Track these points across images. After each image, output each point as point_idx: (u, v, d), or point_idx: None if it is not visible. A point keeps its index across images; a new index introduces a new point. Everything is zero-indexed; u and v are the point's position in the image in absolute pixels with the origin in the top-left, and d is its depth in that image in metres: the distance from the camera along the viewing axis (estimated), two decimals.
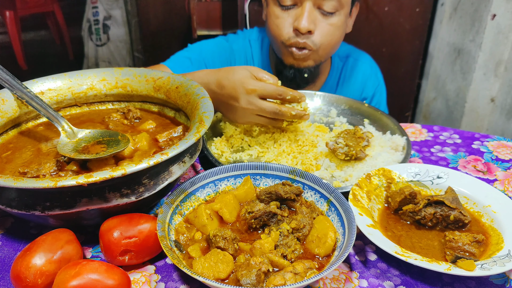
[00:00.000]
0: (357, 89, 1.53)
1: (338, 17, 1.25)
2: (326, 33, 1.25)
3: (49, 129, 0.94)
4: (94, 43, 2.83)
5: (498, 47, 1.87)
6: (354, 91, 1.53)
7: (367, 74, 1.53)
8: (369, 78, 1.53)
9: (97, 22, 2.78)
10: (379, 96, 1.55)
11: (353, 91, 1.52)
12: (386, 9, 2.16)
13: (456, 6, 2.07)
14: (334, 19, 1.25)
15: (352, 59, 1.53)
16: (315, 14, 1.23)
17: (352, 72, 1.52)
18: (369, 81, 1.53)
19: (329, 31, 1.26)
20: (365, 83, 1.53)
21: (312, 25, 1.22)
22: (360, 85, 1.53)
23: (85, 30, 2.79)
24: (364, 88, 1.53)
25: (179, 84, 0.95)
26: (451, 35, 2.12)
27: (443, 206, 0.81)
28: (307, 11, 1.21)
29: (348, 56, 1.53)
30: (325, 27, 1.25)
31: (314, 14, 1.23)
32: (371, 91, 1.53)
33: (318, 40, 1.25)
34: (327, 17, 1.24)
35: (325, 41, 1.26)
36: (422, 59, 2.33)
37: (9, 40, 2.41)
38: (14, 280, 0.65)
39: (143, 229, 0.71)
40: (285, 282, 0.63)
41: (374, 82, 1.54)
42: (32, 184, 0.63)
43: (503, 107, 1.95)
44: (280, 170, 0.87)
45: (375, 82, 1.54)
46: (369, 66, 1.55)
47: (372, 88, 1.53)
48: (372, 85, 1.53)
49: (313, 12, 1.22)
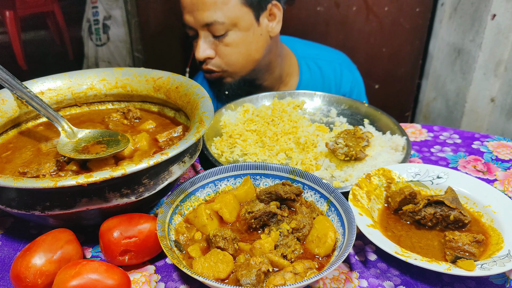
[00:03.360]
0: (332, 88, 1.56)
1: (233, 36, 1.32)
2: (225, 55, 1.34)
3: (49, 129, 0.94)
4: (94, 43, 2.83)
5: (498, 47, 1.87)
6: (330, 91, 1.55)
7: (338, 72, 1.56)
8: (341, 75, 1.56)
9: (97, 22, 2.77)
10: (357, 89, 1.58)
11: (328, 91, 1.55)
12: (386, 9, 2.16)
13: (456, 6, 2.06)
14: (228, 39, 1.32)
15: (320, 60, 1.56)
16: (211, 41, 1.32)
17: (323, 74, 1.55)
18: (343, 77, 1.56)
19: (227, 52, 1.34)
20: (339, 80, 1.56)
21: (208, 52, 1.33)
22: (334, 83, 1.55)
23: (85, 30, 2.79)
24: (340, 85, 1.56)
25: (179, 84, 0.95)
26: (451, 35, 2.12)
27: (443, 206, 0.81)
28: (201, 42, 1.32)
29: (315, 58, 1.57)
30: (221, 49, 1.34)
31: (209, 41, 1.32)
32: (348, 87, 1.56)
33: (219, 62, 1.35)
34: (221, 39, 1.32)
35: (228, 61, 1.35)
36: (422, 59, 2.33)
37: (9, 40, 2.40)
38: (14, 280, 0.65)
39: (143, 229, 0.71)
40: (285, 282, 0.63)
41: (348, 78, 1.57)
42: (32, 184, 0.63)
43: (503, 107, 1.95)
44: (280, 170, 0.87)
45: (349, 77, 1.57)
46: (339, 63, 1.58)
47: (348, 83, 1.56)
48: (347, 80, 1.56)
49: (208, 39, 1.32)
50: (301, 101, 1.28)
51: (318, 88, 1.54)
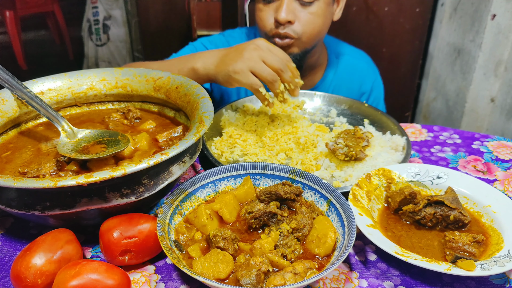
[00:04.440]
0: (355, 85, 1.56)
1: (317, 6, 1.31)
2: (306, 22, 1.32)
3: (49, 129, 0.94)
4: (94, 43, 2.83)
5: (498, 47, 1.87)
6: (352, 87, 1.56)
7: (364, 70, 1.57)
8: (366, 74, 1.57)
9: (97, 22, 2.77)
10: (377, 91, 1.59)
11: (351, 87, 1.56)
12: (386, 9, 2.16)
13: (456, 6, 2.07)
14: (313, 8, 1.31)
15: (348, 56, 1.58)
16: (294, 5, 1.30)
17: (349, 69, 1.56)
18: (367, 76, 1.57)
19: (309, 20, 1.32)
20: (362, 78, 1.57)
21: (291, 16, 1.29)
22: (358, 81, 1.56)
23: (85, 30, 2.79)
24: (362, 83, 1.57)
25: (179, 84, 0.95)
26: (451, 35, 2.12)
27: (443, 206, 0.81)
28: (286, 3, 1.28)
29: (344, 54, 1.58)
30: (304, 16, 1.31)
31: (292, 5, 1.29)
32: (369, 86, 1.57)
33: (299, 29, 1.32)
34: (306, 6, 1.30)
35: (306, 29, 1.33)
36: (422, 59, 2.33)
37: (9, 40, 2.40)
38: (14, 280, 0.65)
39: (143, 229, 0.71)
40: (285, 282, 0.63)
41: (371, 77, 1.58)
42: (32, 184, 0.63)
43: (503, 107, 1.95)
44: (280, 170, 0.87)
45: (372, 77, 1.58)
46: (366, 62, 1.59)
47: (370, 83, 1.57)
48: (370, 80, 1.57)
49: (291, 3, 1.29)
50: (301, 101, 1.29)
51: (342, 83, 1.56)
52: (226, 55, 1.08)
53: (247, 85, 1.03)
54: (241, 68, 1.02)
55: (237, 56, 1.04)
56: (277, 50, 1.05)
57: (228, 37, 1.57)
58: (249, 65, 1.02)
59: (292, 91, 1.08)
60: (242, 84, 1.04)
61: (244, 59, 1.02)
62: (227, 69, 1.05)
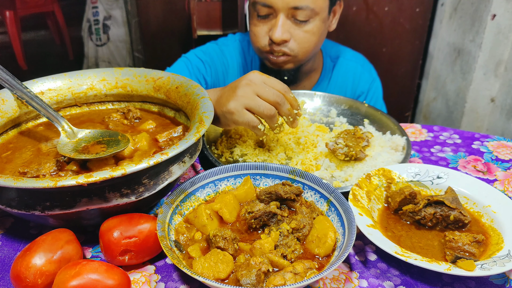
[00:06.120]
0: (349, 88, 1.56)
1: (312, 24, 1.30)
2: (301, 41, 1.31)
3: (49, 129, 0.94)
4: (94, 43, 2.83)
5: (498, 47, 1.87)
6: (347, 90, 1.56)
7: (358, 73, 1.57)
8: (361, 75, 1.57)
9: (97, 22, 2.77)
10: (374, 91, 1.58)
11: (345, 90, 1.56)
12: (386, 9, 2.16)
13: (456, 6, 2.07)
14: (308, 26, 1.29)
15: (343, 59, 1.57)
16: (289, 24, 1.28)
17: (344, 72, 1.56)
18: (362, 78, 1.56)
19: (305, 38, 1.31)
20: (358, 80, 1.56)
21: (286, 35, 1.27)
22: (352, 83, 1.56)
23: (85, 30, 2.79)
24: (358, 85, 1.56)
25: (179, 84, 0.95)
26: (451, 35, 2.12)
27: (443, 206, 0.81)
28: (281, 22, 1.26)
29: (339, 57, 1.57)
30: (299, 34, 1.30)
31: (288, 24, 1.28)
32: (366, 87, 1.57)
33: (295, 46, 1.31)
34: (301, 25, 1.29)
35: (302, 47, 1.32)
36: (422, 59, 2.33)
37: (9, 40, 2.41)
38: (14, 280, 0.65)
39: (143, 229, 0.71)
40: (285, 282, 0.63)
41: (368, 78, 1.57)
42: (32, 184, 0.63)
43: (503, 107, 1.95)
44: (280, 170, 0.87)
45: (369, 78, 1.57)
46: (360, 64, 1.59)
47: (366, 83, 1.56)
48: (366, 81, 1.57)
49: (286, 22, 1.27)
50: (301, 101, 1.28)
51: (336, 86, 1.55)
52: (221, 96, 0.98)
53: (244, 124, 0.95)
54: (235, 107, 0.94)
55: (230, 95, 0.95)
56: (273, 81, 0.95)
57: (221, 45, 1.56)
58: (243, 103, 0.93)
59: (290, 123, 0.98)
60: (239, 124, 0.96)
61: (238, 97, 0.93)
62: (222, 110, 0.96)
